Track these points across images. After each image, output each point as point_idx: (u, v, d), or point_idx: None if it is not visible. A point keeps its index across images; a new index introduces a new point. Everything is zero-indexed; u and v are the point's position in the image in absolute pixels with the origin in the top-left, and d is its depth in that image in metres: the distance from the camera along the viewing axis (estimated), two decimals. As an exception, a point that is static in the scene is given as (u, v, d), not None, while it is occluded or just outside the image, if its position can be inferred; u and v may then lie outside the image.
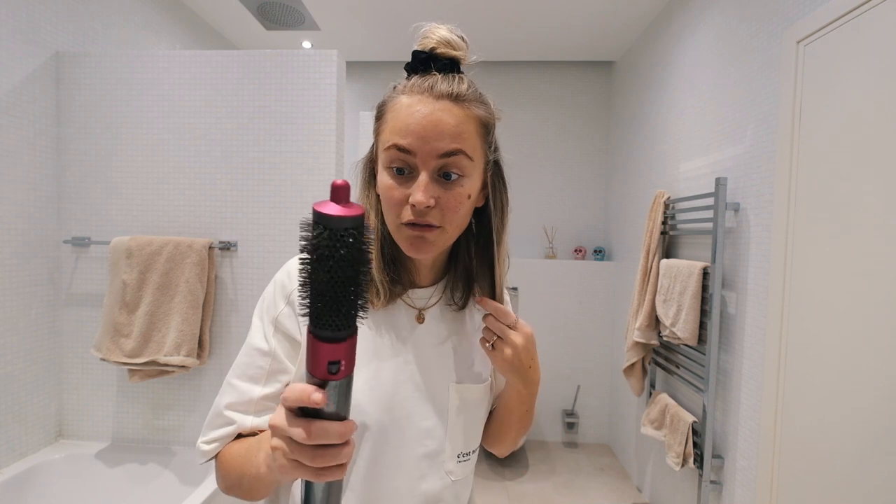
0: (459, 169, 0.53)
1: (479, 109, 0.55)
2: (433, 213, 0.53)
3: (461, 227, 0.57)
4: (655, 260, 2.03)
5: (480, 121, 0.55)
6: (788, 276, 1.33)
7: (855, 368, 1.11)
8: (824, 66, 1.23)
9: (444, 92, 0.52)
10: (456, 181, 0.53)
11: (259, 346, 0.59)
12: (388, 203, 0.54)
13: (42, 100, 1.54)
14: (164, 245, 1.52)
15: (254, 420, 0.57)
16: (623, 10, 2.37)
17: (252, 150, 1.57)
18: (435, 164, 0.52)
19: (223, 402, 0.58)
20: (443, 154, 0.51)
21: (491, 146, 0.58)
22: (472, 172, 0.55)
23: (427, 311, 0.63)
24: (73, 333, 1.63)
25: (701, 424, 1.70)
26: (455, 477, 0.62)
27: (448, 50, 0.54)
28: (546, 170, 3.16)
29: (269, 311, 0.60)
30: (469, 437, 0.63)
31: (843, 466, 1.14)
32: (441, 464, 0.61)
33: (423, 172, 0.52)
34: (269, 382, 0.58)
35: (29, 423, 1.54)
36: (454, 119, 0.52)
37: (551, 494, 2.39)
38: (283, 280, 0.60)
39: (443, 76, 0.54)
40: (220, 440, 0.58)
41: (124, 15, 1.87)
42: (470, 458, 0.64)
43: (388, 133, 0.54)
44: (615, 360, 2.87)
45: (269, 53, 1.56)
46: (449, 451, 0.61)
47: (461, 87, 0.53)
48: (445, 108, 0.52)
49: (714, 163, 1.77)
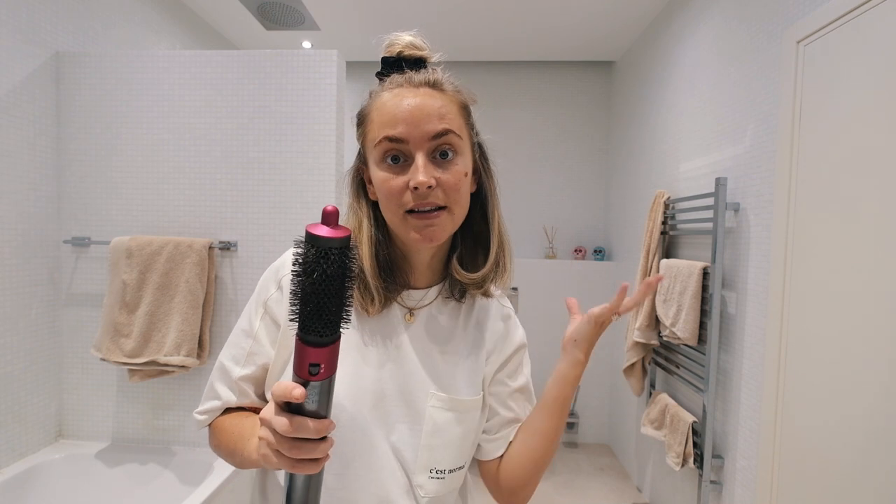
0: (453, 147, 0.54)
1: (458, 93, 0.58)
2: (435, 193, 0.53)
3: (464, 207, 0.58)
4: (655, 260, 2.03)
5: (461, 103, 0.58)
6: (788, 276, 1.33)
7: (855, 368, 1.11)
8: (824, 66, 1.23)
9: (422, 80, 0.55)
10: (452, 159, 0.54)
11: (244, 327, 0.62)
12: (388, 195, 0.54)
13: (42, 100, 1.54)
14: (164, 245, 1.52)
15: (237, 399, 0.61)
16: (623, 10, 2.37)
17: (252, 150, 1.57)
18: (428, 145, 0.53)
19: (214, 377, 0.63)
20: (434, 135, 0.53)
21: (473, 128, 0.60)
22: (464, 151, 0.56)
23: (418, 311, 0.62)
24: (73, 333, 1.63)
25: (701, 424, 1.70)
26: (425, 493, 0.58)
27: (414, 51, 0.57)
28: (546, 170, 3.16)
29: (260, 294, 0.62)
30: (445, 453, 0.59)
31: (843, 466, 1.14)
32: (411, 475, 0.58)
33: (419, 154, 0.53)
34: (246, 364, 0.60)
35: (29, 423, 1.54)
36: (437, 101, 0.54)
37: (551, 494, 2.40)
38: (277, 266, 0.63)
39: (415, 70, 0.56)
40: (210, 412, 0.62)
41: (124, 15, 1.87)
42: (445, 477, 0.59)
43: (375, 130, 0.55)
44: (615, 360, 2.87)
45: (269, 53, 1.56)
46: (421, 461, 0.58)
47: (436, 76, 0.56)
48: (427, 93, 0.54)
49: (714, 163, 1.77)
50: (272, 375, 0.60)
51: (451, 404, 0.59)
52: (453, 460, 0.60)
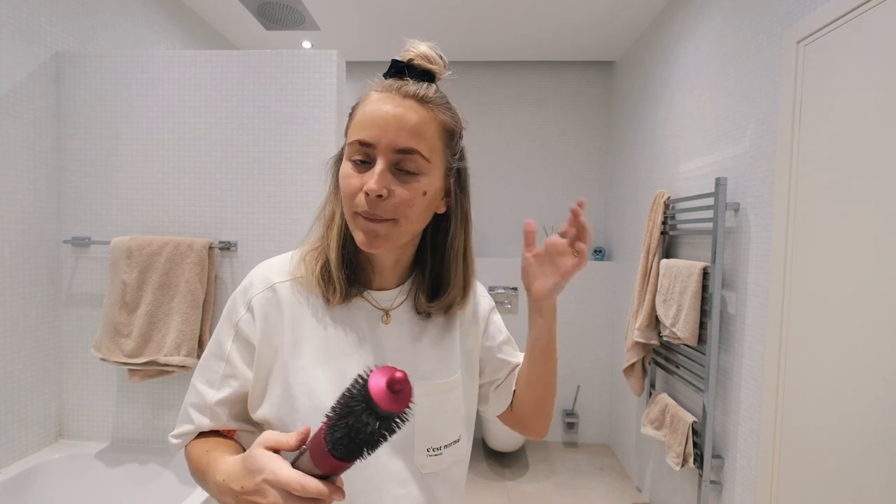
0: (416, 167, 0.54)
1: (445, 115, 0.57)
2: (385, 205, 0.53)
3: (415, 222, 0.57)
4: (655, 260, 2.03)
5: (444, 125, 0.57)
6: (788, 276, 1.33)
7: (855, 368, 1.11)
8: (824, 66, 1.23)
9: (412, 92, 0.55)
10: (412, 177, 0.55)
11: (214, 351, 0.62)
12: (345, 192, 0.56)
13: (42, 100, 1.54)
14: (164, 245, 1.52)
15: (210, 423, 0.60)
16: (623, 10, 2.37)
17: (252, 150, 1.57)
18: (392, 157, 0.54)
19: (188, 400, 0.62)
20: (399, 150, 0.53)
21: (455, 154, 0.60)
22: (431, 172, 0.56)
23: (393, 312, 0.63)
24: (73, 333, 1.63)
25: (701, 424, 1.70)
26: (427, 470, 0.62)
27: (424, 62, 0.57)
28: (546, 170, 3.16)
29: (230, 316, 0.62)
30: (440, 431, 0.63)
31: (842, 466, 1.14)
32: (409, 459, 0.61)
33: (381, 161, 0.53)
34: (221, 387, 0.60)
35: (29, 423, 1.54)
36: (416, 117, 0.54)
37: (551, 494, 2.40)
38: (245, 286, 0.63)
39: (414, 81, 0.56)
40: (184, 436, 0.61)
41: (124, 15, 1.87)
42: (442, 452, 0.62)
43: (353, 128, 0.56)
44: (615, 360, 2.87)
45: (269, 53, 1.56)
46: (418, 445, 0.61)
47: (428, 91, 0.56)
48: (410, 106, 0.54)
49: (714, 163, 1.77)
50: (254, 396, 0.60)
51: (433, 388, 0.62)
52: (446, 436, 0.63)
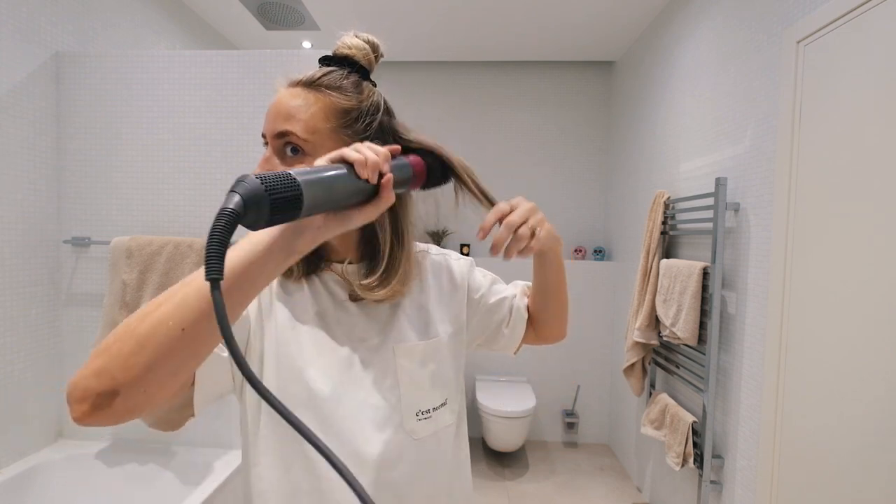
0: (300, 147, 0.56)
1: (334, 95, 0.57)
2: None
3: None
4: (655, 260, 2.03)
5: (332, 105, 0.57)
6: (788, 276, 1.33)
7: (855, 368, 1.11)
8: (824, 66, 1.23)
9: (300, 79, 0.58)
10: (298, 157, 0.56)
11: None
12: None
13: (42, 100, 1.54)
14: (164, 245, 1.52)
15: None
16: (623, 10, 2.37)
17: (252, 150, 1.57)
18: (274, 143, 0.57)
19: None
20: (276, 134, 0.56)
21: (358, 132, 0.58)
22: (315, 151, 0.56)
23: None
24: (73, 333, 1.63)
25: (701, 424, 1.70)
26: (418, 436, 0.61)
27: (342, 49, 0.60)
28: (546, 170, 3.16)
29: None
30: (427, 393, 0.63)
31: (842, 466, 1.14)
32: (398, 426, 0.60)
33: (267, 149, 0.57)
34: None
35: (29, 423, 1.53)
36: (295, 101, 0.56)
37: (551, 494, 2.40)
38: None
39: (322, 68, 0.59)
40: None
41: (124, 15, 1.87)
42: (432, 415, 0.63)
43: None
44: (615, 360, 2.87)
45: (269, 53, 1.56)
46: (406, 410, 0.61)
47: (318, 76, 0.58)
48: (293, 93, 0.57)
49: (714, 163, 1.77)
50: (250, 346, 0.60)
51: (419, 349, 0.63)
52: (434, 397, 0.64)
